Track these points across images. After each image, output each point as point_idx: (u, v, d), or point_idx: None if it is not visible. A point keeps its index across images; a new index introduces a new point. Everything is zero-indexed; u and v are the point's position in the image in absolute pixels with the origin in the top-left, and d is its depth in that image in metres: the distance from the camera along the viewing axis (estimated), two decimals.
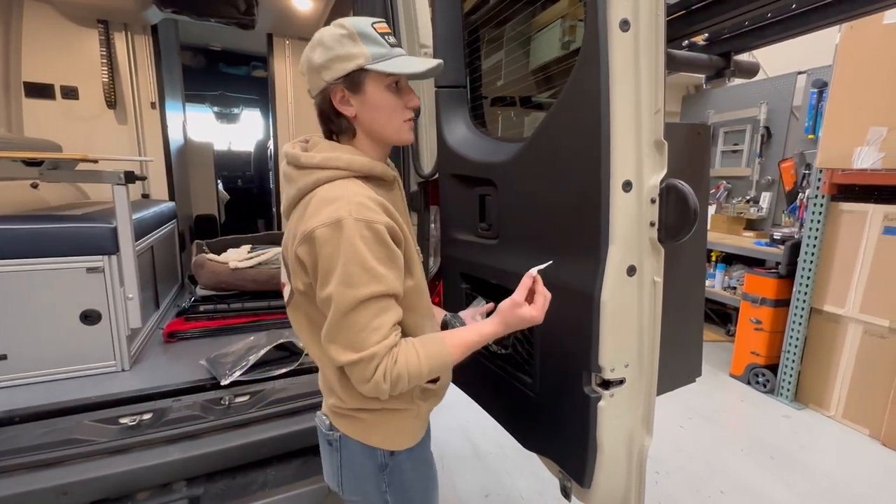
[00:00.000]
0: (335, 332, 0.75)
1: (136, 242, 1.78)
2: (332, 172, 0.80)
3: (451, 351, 0.81)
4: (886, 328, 2.37)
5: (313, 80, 0.84)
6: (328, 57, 0.80)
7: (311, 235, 0.73)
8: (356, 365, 0.74)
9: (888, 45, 2.21)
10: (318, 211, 0.75)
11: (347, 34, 0.80)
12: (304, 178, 0.81)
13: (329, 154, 0.81)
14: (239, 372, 1.49)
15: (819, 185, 2.58)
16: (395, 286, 0.77)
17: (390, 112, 0.84)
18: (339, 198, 0.75)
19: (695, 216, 0.76)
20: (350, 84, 0.81)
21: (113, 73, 2.44)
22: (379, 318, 0.75)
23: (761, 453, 2.31)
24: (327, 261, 0.73)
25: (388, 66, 0.81)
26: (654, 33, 0.77)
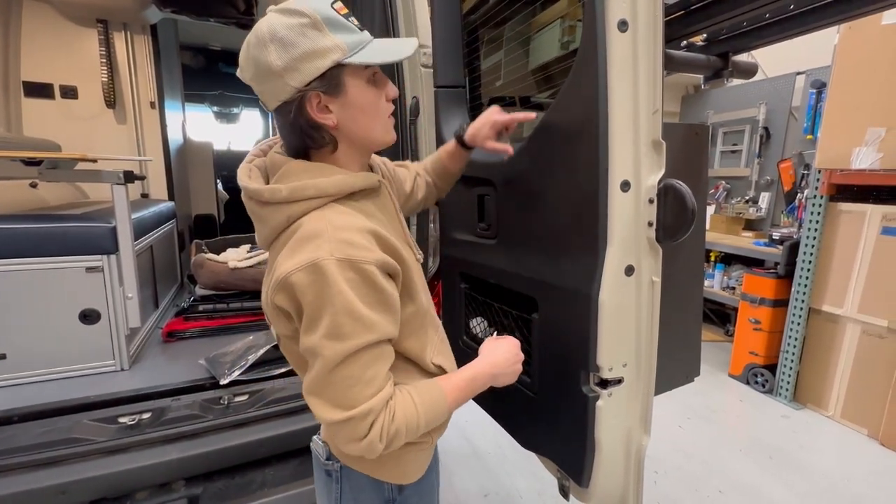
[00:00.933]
0: (320, 388, 0.64)
1: (136, 242, 1.78)
2: (305, 204, 0.67)
3: (448, 396, 0.73)
4: (885, 328, 2.37)
5: (272, 89, 0.66)
6: (292, 56, 0.63)
7: (288, 282, 0.62)
8: (346, 424, 0.63)
9: (886, 46, 2.22)
10: (294, 252, 0.63)
11: (310, 23, 0.63)
12: (273, 216, 0.68)
13: (296, 184, 0.67)
14: (238, 371, 1.49)
15: (818, 186, 2.59)
16: (389, 331, 0.67)
17: (375, 110, 0.72)
18: (319, 234, 0.63)
19: (692, 216, 0.76)
20: (328, 86, 0.66)
21: (112, 72, 2.44)
22: (372, 368, 0.64)
23: (760, 453, 2.32)
24: (311, 308, 0.62)
25: (370, 55, 0.67)
26: (653, 34, 0.77)
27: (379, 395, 0.64)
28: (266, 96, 0.68)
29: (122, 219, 1.53)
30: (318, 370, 0.63)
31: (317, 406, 0.65)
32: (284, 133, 0.72)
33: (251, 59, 0.66)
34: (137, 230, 1.82)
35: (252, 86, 0.69)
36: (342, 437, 0.65)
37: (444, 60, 1.39)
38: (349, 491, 0.81)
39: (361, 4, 1.66)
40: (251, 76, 0.67)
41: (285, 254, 0.65)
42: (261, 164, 0.76)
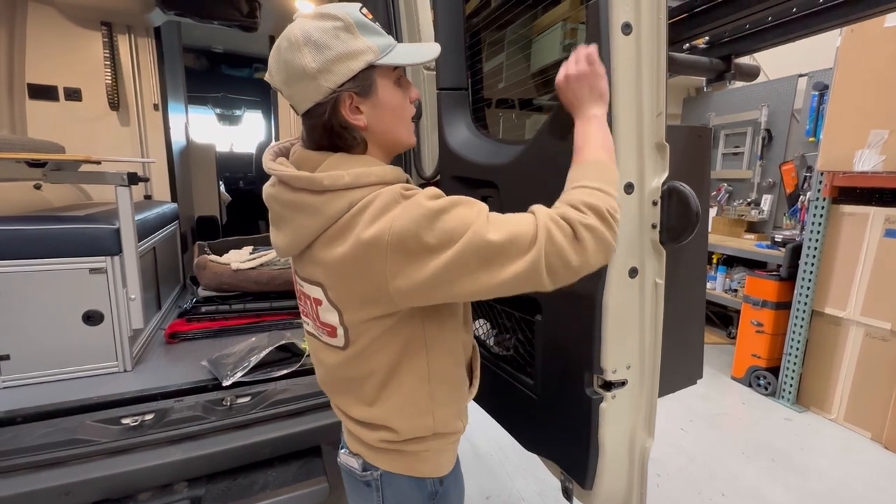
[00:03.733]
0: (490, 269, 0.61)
1: (139, 243, 1.78)
2: (368, 190, 0.66)
3: (605, 159, 0.71)
4: (888, 331, 2.36)
5: (305, 91, 0.67)
6: (327, 58, 0.65)
7: (394, 231, 0.61)
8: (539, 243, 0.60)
9: (889, 48, 2.22)
10: (378, 218, 0.63)
11: (343, 26, 0.65)
12: (332, 204, 0.66)
13: (360, 170, 0.68)
14: (241, 373, 1.49)
15: (820, 188, 2.58)
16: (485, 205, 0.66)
17: (402, 111, 0.74)
18: (399, 198, 0.64)
19: (696, 218, 0.76)
20: (360, 87, 0.68)
21: (116, 75, 2.45)
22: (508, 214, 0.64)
23: (762, 456, 2.31)
24: (425, 231, 0.60)
25: (399, 57, 0.69)
26: (656, 36, 0.77)
27: (535, 216, 0.64)
28: (297, 99, 0.69)
29: (126, 220, 1.53)
30: (475, 259, 0.60)
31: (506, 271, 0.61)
32: (315, 135, 0.72)
33: (283, 63, 0.67)
34: (141, 232, 1.82)
35: (281, 89, 0.70)
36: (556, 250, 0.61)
37: (447, 63, 1.39)
38: (392, 496, 0.81)
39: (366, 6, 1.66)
40: (282, 80, 0.68)
41: (365, 225, 0.63)
42: (285, 163, 0.75)
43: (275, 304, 2.05)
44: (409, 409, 0.77)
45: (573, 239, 0.61)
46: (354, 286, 0.67)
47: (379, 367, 0.74)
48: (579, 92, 0.77)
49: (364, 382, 0.77)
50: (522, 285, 0.62)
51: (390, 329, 0.72)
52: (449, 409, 0.81)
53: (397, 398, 0.76)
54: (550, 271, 0.61)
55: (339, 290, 0.70)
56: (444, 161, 1.41)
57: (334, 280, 0.70)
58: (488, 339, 1.29)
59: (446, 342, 0.78)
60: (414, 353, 0.75)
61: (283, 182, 0.71)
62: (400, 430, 0.77)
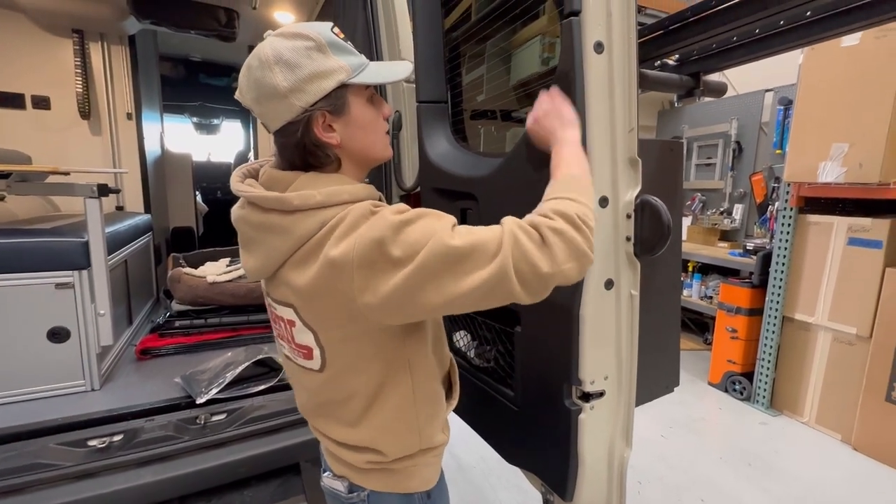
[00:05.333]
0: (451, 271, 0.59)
1: (110, 256, 1.73)
2: (338, 209, 0.65)
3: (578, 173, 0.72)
4: (854, 335, 2.46)
5: (276, 110, 0.67)
6: (299, 77, 0.65)
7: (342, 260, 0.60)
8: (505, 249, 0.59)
9: (847, 66, 2.34)
10: (347, 235, 0.62)
11: (315, 46, 0.66)
12: (302, 224, 0.65)
13: (332, 188, 0.67)
14: (215, 389, 1.45)
15: (787, 198, 2.69)
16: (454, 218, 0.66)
17: (374, 128, 0.75)
18: (368, 213, 0.64)
19: (668, 231, 0.78)
20: (333, 105, 0.68)
21: (87, 83, 2.39)
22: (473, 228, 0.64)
23: (739, 461, 2.36)
24: (388, 243, 0.60)
25: (371, 76, 0.70)
26: (627, 55, 0.80)
27: (503, 225, 0.63)
28: (268, 117, 0.69)
29: (95, 233, 1.48)
30: (439, 265, 0.59)
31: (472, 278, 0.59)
32: (287, 153, 0.72)
33: (253, 82, 0.67)
34: (111, 244, 1.77)
35: (252, 108, 0.70)
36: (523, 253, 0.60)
37: (427, 76, 1.40)
38: None
39: (344, 21, 1.67)
40: (253, 98, 0.68)
41: (334, 243, 0.62)
42: (254, 184, 0.74)
43: (252, 317, 2.01)
44: (396, 429, 0.75)
45: (541, 243, 0.60)
46: (326, 305, 0.66)
47: (361, 389, 0.73)
48: (550, 125, 0.79)
49: (346, 404, 0.75)
50: (494, 294, 0.61)
51: (370, 349, 0.70)
52: (433, 424, 0.80)
53: (382, 419, 0.74)
54: (521, 278, 0.60)
55: (312, 310, 0.69)
56: (423, 173, 1.42)
57: (306, 300, 0.68)
58: (469, 350, 1.29)
59: (429, 358, 0.78)
60: (397, 373, 0.73)
61: (252, 203, 0.70)
62: (387, 452, 0.75)
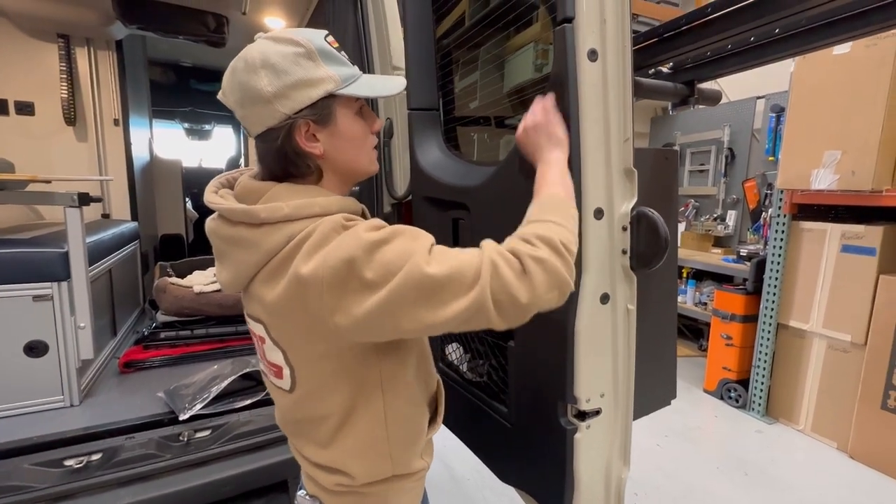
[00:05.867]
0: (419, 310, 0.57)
1: (92, 267, 1.68)
2: (307, 223, 0.62)
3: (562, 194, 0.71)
4: (849, 343, 2.45)
5: (259, 115, 0.65)
6: (284, 83, 0.63)
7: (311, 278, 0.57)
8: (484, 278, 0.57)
9: (838, 74, 2.35)
10: (315, 251, 0.59)
11: (305, 53, 0.64)
12: (269, 238, 0.62)
13: (301, 201, 0.64)
14: (200, 405, 1.40)
15: (781, 205, 2.69)
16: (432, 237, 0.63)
17: (362, 141, 0.72)
18: (319, 227, 0.61)
19: (666, 244, 0.76)
20: (318, 115, 0.66)
21: (73, 89, 2.34)
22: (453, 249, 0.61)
23: (736, 470, 2.33)
24: (360, 264, 0.56)
25: (361, 88, 0.68)
26: (622, 63, 0.78)
27: (482, 250, 0.60)
28: (250, 121, 0.67)
29: (76, 243, 1.43)
30: (414, 294, 0.56)
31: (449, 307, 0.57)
32: (267, 160, 0.70)
33: (237, 84, 0.65)
34: (94, 254, 1.72)
35: (235, 110, 0.68)
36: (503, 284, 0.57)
37: (418, 83, 1.38)
38: None
39: (334, 26, 1.65)
40: (236, 100, 0.67)
41: (302, 259, 0.59)
42: (229, 194, 0.72)
43: (240, 327, 1.96)
44: (365, 453, 0.72)
45: (521, 273, 0.58)
46: (295, 323, 0.64)
47: (333, 410, 0.70)
48: (537, 140, 0.78)
49: (318, 424, 0.72)
50: (471, 323, 0.58)
51: (341, 369, 0.67)
52: (409, 451, 0.76)
53: (352, 441, 0.71)
54: (499, 309, 0.57)
55: (281, 328, 0.67)
56: (415, 181, 1.39)
57: (275, 317, 0.67)
58: (461, 364, 1.26)
59: (406, 381, 0.74)
60: (369, 395, 0.70)
61: (222, 216, 0.68)
62: (356, 475, 0.72)
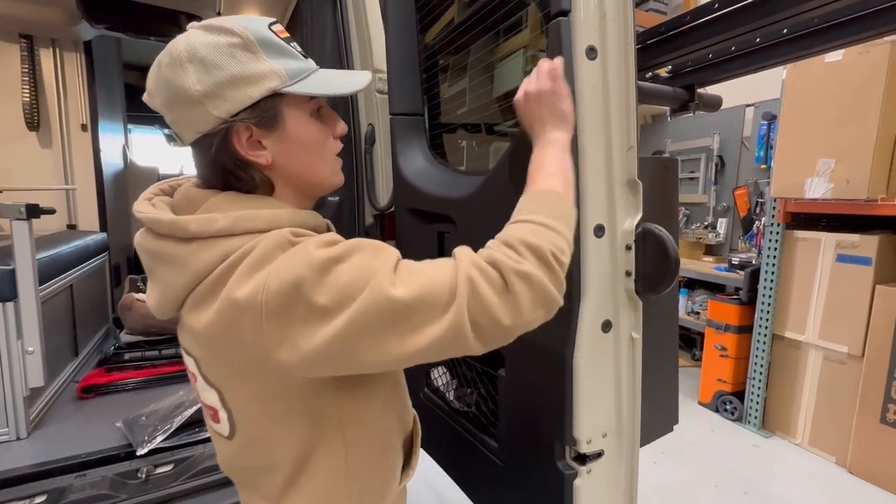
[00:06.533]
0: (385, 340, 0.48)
1: (50, 283, 1.55)
2: (247, 238, 0.52)
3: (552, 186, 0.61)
4: (845, 354, 2.40)
5: (189, 118, 0.55)
6: (217, 80, 0.52)
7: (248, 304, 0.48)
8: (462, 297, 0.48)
9: (830, 82, 2.32)
10: (253, 272, 0.49)
11: (241, 43, 0.53)
12: (200, 256, 0.51)
13: (242, 213, 0.53)
14: (161, 437, 1.27)
15: (774, 214, 2.64)
16: (397, 251, 0.54)
17: (319, 147, 0.61)
18: (261, 243, 0.50)
19: (676, 266, 0.67)
20: (260, 118, 0.55)
21: (36, 92, 2.21)
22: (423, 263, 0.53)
23: (735, 488, 2.25)
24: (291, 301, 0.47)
25: (315, 86, 0.57)
26: (624, 62, 0.69)
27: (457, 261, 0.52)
28: (180, 126, 0.57)
29: (24, 259, 1.30)
30: (378, 321, 0.47)
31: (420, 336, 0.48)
32: (203, 171, 0.60)
33: (163, 82, 0.54)
34: (51, 269, 1.59)
35: (163, 114, 0.57)
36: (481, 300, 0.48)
37: (401, 87, 1.29)
38: None
39: (313, 27, 1.55)
40: (162, 102, 0.56)
41: (238, 281, 0.49)
42: (166, 202, 0.62)
43: None
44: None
45: (503, 291, 0.50)
46: (230, 358, 0.53)
47: (282, 460, 0.59)
48: (538, 112, 0.67)
49: (266, 475, 0.62)
50: (447, 352, 0.50)
51: (288, 411, 0.57)
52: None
53: (305, 497, 0.60)
54: (478, 333, 0.49)
55: (214, 365, 0.57)
56: (398, 192, 1.30)
57: (206, 351, 0.56)
58: (447, 391, 1.15)
59: (374, 421, 0.63)
60: (326, 441, 0.59)
61: (148, 227, 0.57)
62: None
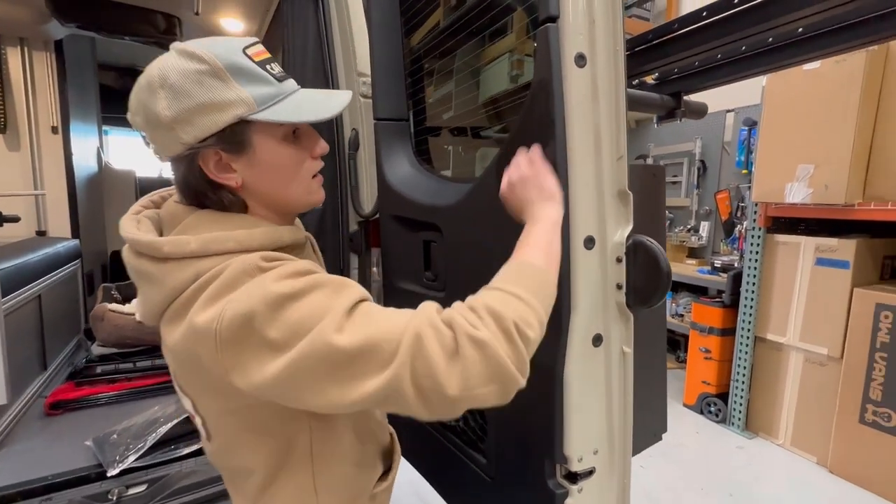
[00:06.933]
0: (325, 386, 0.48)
1: (15, 293, 1.47)
2: (219, 259, 0.53)
3: (534, 261, 0.59)
4: (825, 356, 2.44)
5: (163, 141, 0.56)
6: (185, 106, 0.53)
7: (205, 330, 0.49)
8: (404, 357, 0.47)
9: (809, 89, 2.37)
10: (218, 297, 0.51)
11: (209, 70, 0.53)
12: (174, 275, 0.53)
13: (212, 235, 0.55)
14: (133, 456, 1.21)
15: (755, 218, 2.69)
16: (360, 291, 0.54)
17: (293, 170, 0.61)
18: (229, 267, 0.52)
19: (668, 279, 0.65)
20: (228, 143, 0.56)
21: (3, 92, 2.11)
22: (383, 309, 0.52)
23: (720, 491, 2.27)
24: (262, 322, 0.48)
25: (282, 113, 0.57)
26: (614, 70, 0.67)
27: (417, 314, 0.51)
28: (157, 146, 0.59)
29: None
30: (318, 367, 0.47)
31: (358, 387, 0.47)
32: (180, 189, 0.62)
33: (140, 104, 0.56)
34: (17, 278, 1.51)
35: (144, 133, 0.59)
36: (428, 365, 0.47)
37: (385, 91, 1.26)
38: None
39: (294, 30, 1.51)
40: (140, 122, 0.58)
41: (201, 306, 0.51)
42: (153, 215, 0.64)
43: None
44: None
45: (452, 354, 0.47)
46: (196, 374, 0.58)
47: (256, 467, 0.62)
48: (526, 194, 0.66)
49: (245, 478, 0.65)
50: (389, 407, 0.50)
51: (255, 425, 0.60)
52: None
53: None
54: (420, 395, 0.47)
55: (185, 378, 0.61)
56: (382, 198, 1.27)
57: (177, 365, 0.61)
58: None
59: (345, 438, 0.64)
60: (294, 460, 0.61)
61: (129, 245, 0.58)
62: None
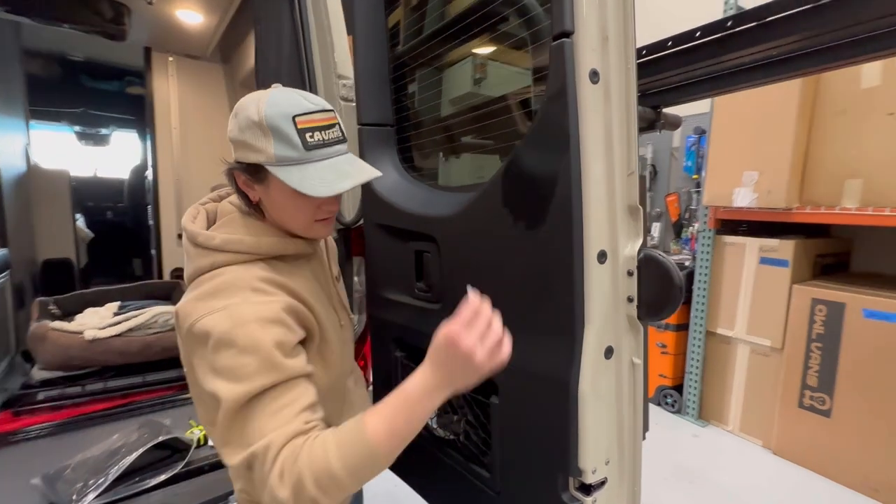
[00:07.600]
0: (226, 434, 0.64)
1: None
2: (233, 257, 0.72)
3: (373, 435, 0.59)
4: (769, 347, 2.66)
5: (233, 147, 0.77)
6: (237, 137, 0.73)
7: (192, 329, 0.67)
8: (252, 463, 0.62)
9: (753, 101, 2.56)
10: (206, 298, 0.69)
11: (257, 123, 0.70)
12: (200, 259, 0.73)
13: (231, 237, 0.73)
14: (93, 494, 1.09)
15: (706, 221, 2.88)
16: (298, 368, 0.66)
17: (295, 212, 0.77)
18: (224, 276, 0.70)
19: (680, 293, 0.67)
20: (251, 174, 0.74)
21: None
22: (279, 401, 0.63)
23: (682, 478, 2.41)
24: (213, 350, 0.65)
25: (289, 177, 0.70)
26: (626, 86, 0.69)
27: (283, 428, 0.61)
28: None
29: None
30: (222, 415, 0.63)
31: (226, 454, 0.65)
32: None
33: (231, 119, 0.75)
34: None
35: None
36: (256, 482, 0.63)
37: (369, 96, 1.22)
38: None
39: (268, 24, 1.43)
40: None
41: (197, 296, 0.69)
42: (212, 209, 0.83)
43: (149, 377, 1.62)
44: None
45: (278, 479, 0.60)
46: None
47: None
48: (452, 363, 0.62)
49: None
50: None
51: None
52: None
53: None
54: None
55: None
56: (367, 206, 1.23)
57: None
58: (430, 419, 1.10)
59: None
60: None
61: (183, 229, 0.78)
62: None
